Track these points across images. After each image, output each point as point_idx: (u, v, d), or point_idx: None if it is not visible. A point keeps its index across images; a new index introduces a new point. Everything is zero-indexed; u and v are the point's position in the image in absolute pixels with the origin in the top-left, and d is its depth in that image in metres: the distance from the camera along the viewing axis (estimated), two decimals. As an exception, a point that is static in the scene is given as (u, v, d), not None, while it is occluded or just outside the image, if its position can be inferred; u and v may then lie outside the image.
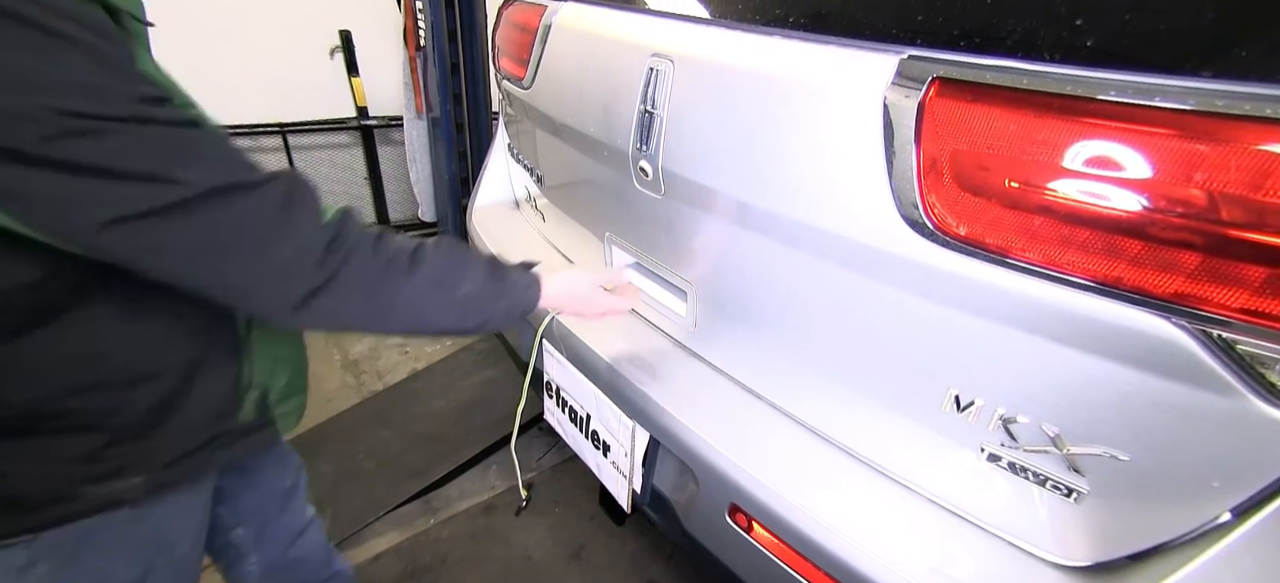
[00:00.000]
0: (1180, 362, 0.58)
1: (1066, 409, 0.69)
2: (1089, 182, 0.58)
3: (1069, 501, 0.72)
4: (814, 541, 0.80)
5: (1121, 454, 0.66)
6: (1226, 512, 0.59)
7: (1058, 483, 0.73)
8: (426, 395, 2.25)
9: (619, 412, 1.10)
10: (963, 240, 0.67)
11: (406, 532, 1.78)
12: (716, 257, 1.02)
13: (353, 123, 3.28)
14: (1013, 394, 0.73)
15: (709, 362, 1.10)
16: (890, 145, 0.70)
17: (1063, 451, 0.71)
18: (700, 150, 0.93)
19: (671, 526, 1.09)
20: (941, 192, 0.68)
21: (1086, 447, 0.69)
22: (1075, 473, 0.71)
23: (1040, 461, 0.74)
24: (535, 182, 1.48)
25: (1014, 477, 0.77)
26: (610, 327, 1.22)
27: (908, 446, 0.87)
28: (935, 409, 0.81)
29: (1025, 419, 0.72)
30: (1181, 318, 0.57)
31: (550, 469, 2.04)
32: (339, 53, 3.15)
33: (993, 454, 0.78)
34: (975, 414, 0.77)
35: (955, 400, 0.78)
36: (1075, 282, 0.61)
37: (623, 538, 1.80)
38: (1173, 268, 0.55)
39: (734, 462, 0.90)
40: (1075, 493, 0.72)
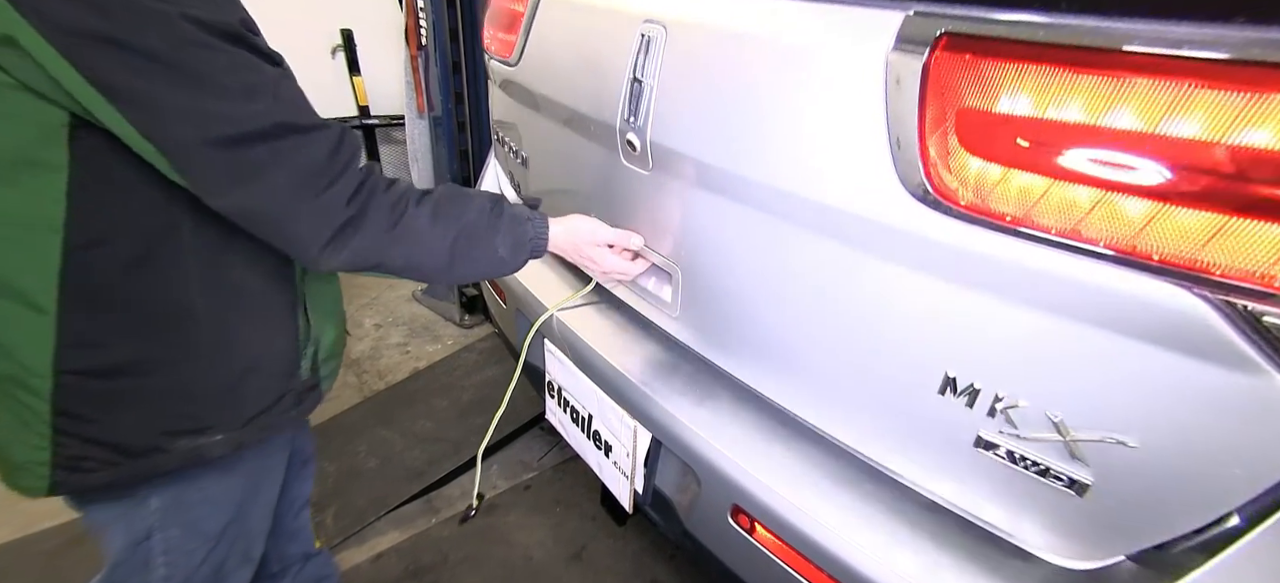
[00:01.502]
0: (1200, 337, 0.54)
1: (1072, 391, 0.65)
2: (1107, 141, 0.54)
3: (1070, 493, 0.68)
4: (816, 542, 0.80)
5: (1130, 441, 0.62)
6: (1235, 515, 0.58)
7: (1058, 474, 0.68)
8: (427, 395, 2.25)
9: (621, 412, 1.10)
10: (967, 209, 0.63)
11: (408, 531, 1.78)
12: (704, 235, 0.98)
13: (354, 122, 3.28)
14: (1013, 376, 0.68)
15: (692, 349, 1.08)
16: (892, 108, 0.67)
17: (1066, 437, 0.66)
18: (690, 120, 0.91)
19: (673, 526, 1.08)
20: (946, 156, 0.64)
21: (1092, 433, 0.64)
22: (1078, 462, 0.67)
23: (1040, 449, 0.69)
24: (520, 163, 1.45)
25: (1010, 468, 0.72)
26: (593, 315, 1.21)
27: (896, 435, 0.83)
28: (927, 394, 0.75)
29: (1025, 403, 0.68)
30: (1204, 288, 0.52)
31: (551, 469, 2.04)
32: (340, 52, 3.15)
33: (988, 442, 0.72)
34: (970, 399, 0.72)
35: (950, 384, 0.73)
36: (1089, 250, 0.57)
37: (624, 538, 1.80)
38: (1196, 234, 0.51)
39: (737, 463, 0.89)
40: (1077, 485, 0.67)
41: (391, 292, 3.07)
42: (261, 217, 0.64)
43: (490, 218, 0.82)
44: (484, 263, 0.82)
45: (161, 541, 0.79)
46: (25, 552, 1.63)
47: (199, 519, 0.81)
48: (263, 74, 0.62)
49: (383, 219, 0.71)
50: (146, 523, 0.78)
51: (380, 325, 2.78)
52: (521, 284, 1.35)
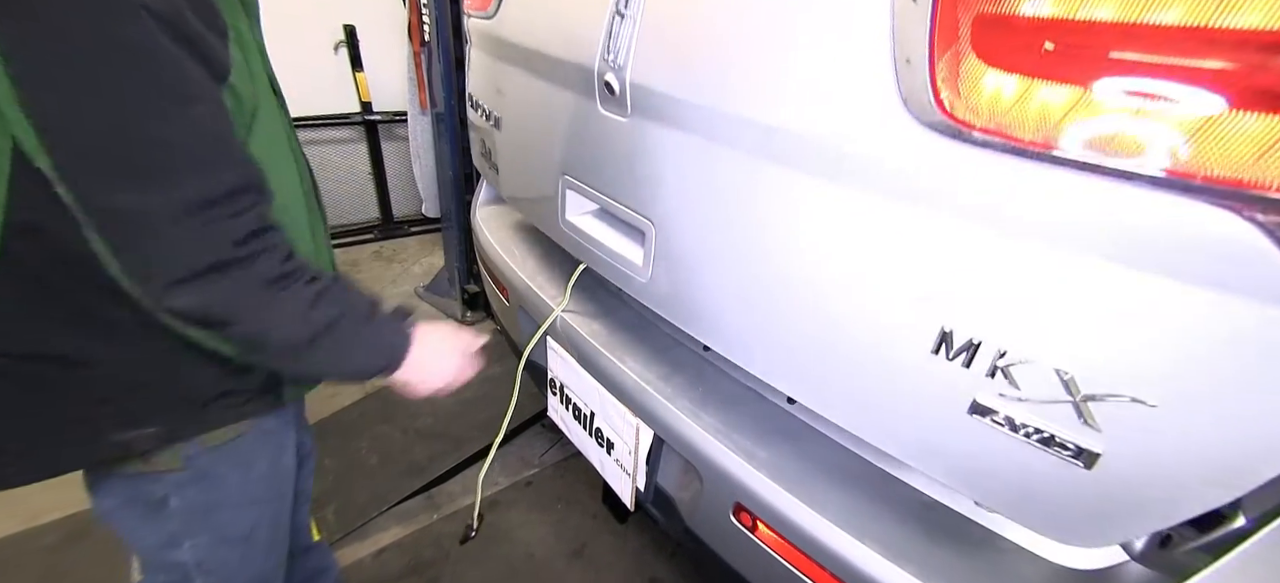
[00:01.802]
0: (1248, 268, 0.47)
1: (1087, 343, 0.57)
2: (1149, 40, 0.48)
3: (1076, 465, 0.60)
4: (818, 540, 0.80)
5: (1150, 398, 0.54)
6: (1241, 517, 0.58)
7: (1065, 442, 0.60)
8: (429, 391, 2.24)
9: (623, 409, 1.09)
10: (984, 132, 0.57)
11: (409, 527, 1.78)
12: (682, 184, 0.92)
13: (357, 118, 3.28)
14: (1021, 328, 0.61)
15: (662, 316, 1.03)
16: (900, 23, 0.61)
17: (1076, 397, 0.58)
18: (673, 53, 0.85)
19: (675, 524, 1.08)
20: (960, 75, 0.58)
21: (1108, 391, 0.57)
22: (1088, 428, 0.59)
23: (1045, 414, 0.61)
24: (493, 126, 1.39)
25: (1009, 438, 0.64)
26: (595, 313, 1.21)
27: (881, 407, 0.76)
28: (919, 355, 0.68)
29: (1032, 359, 0.60)
30: (1257, 210, 0.46)
31: (553, 466, 2.04)
32: (343, 48, 3.15)
33: (985, 408, 0.64)
34: (969, 357, 0.64)
35: (946, 340, 0.65)
36: (1123, 172, 0.50)
37: (625, 536, 1.80)
38: (1253, 143, 0.45)
39: (739, 461, 0.89)
40: (1085, 455, 0.60)
41: (394, 288, 3.08)
42: (123, 221, 0.57)
43: (363, 325, 0.74)
44: (335, 365, 0.74)
45: (191, 549, 0.80)
46: (26, 547, 1.64)
47: (224, 524, 0.82)
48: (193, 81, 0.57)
49: (267, 275, 0.63)
50: (170, 528, 0.78)
51: (382, 322, 2.78)
52: (524, 280, 1.35)
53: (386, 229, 3.62)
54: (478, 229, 1.61)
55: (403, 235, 3.66)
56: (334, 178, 3.44)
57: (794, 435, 0.93)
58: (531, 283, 1.33)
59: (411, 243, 3.62)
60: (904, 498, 0.82)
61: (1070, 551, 0.72)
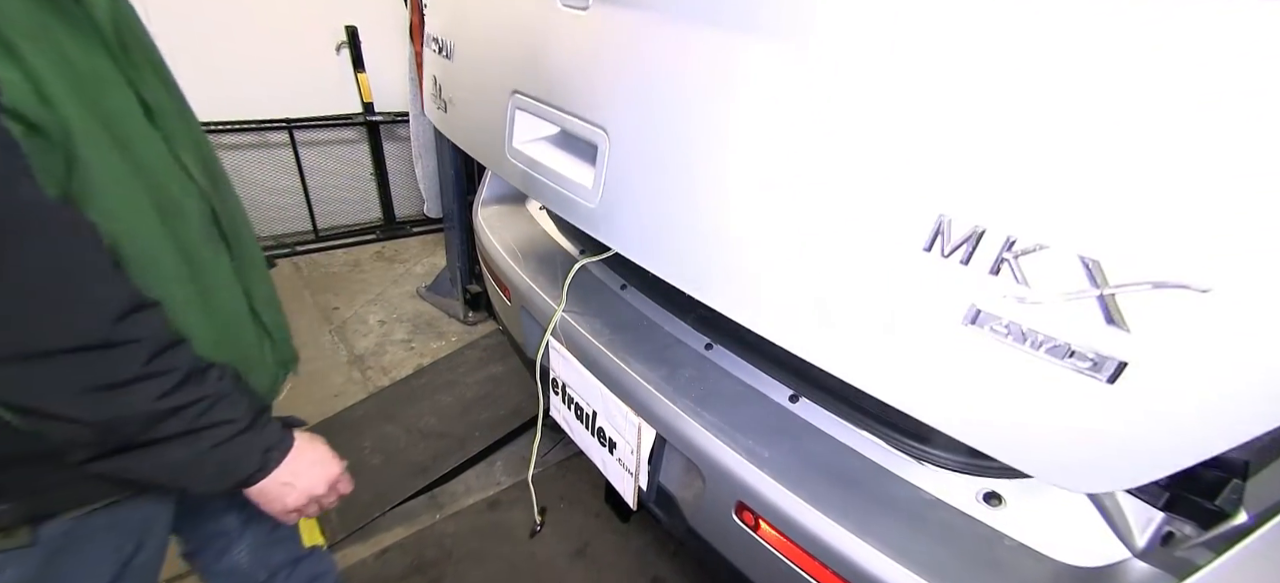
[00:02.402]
0: None
1: (1124, 213, 0.47)
2: None
3: (1095, 381, 0.50)
4: (821, 538, 0.80)
5: (1201, 282, 0.44)
6: (1243, 513, 0.58)
7: (1084, 352, 0.49)
8: (432, 391, 2.25)
9: (625, 408, 1.10)
10: None
11: (412, 527, 1.79)
12: (643, 77, 0.84)
13: (359, 118, 3.29)
14: (1037, 204, 0.50)
15: (613, 244, 0.96)
16: None
17: (1103, 288, 0.48)
18: None
19: (677, 523, 1.08)
20: None
21: (1146, 276, 0.46)
22: (1115, 329, 0.48)
23: (1062, 315, 0.50)
24: (446, 58, 1.33)
25: (1014, 352, 0.53)
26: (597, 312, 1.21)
27: (861, 330, 0.65)
28: (909, 255, 0.58)
29: (1048, 244, 0.50)
30: None
31: (555, 465, 2.04)
32: (345, 48, 3.15)
33: (985, 315, 0.54)
34: (969, 249, 0.54)
35: (942, 232, 0.55)
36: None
37: (627, 535, 1.80)
38: None
39: (742, 460, 0.89)
40: (1106, 366, 0.49)
41: (396, 288, 3.08)
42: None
43: (238, 432, 0.67)
44: (185, 470, 0.65)
45: None
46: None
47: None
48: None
49: (144, 354, 0.57)
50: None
51: (384, 322, 2.79)
52: (525, 280, 1.35)
53: (389, 229, 3.63)
54: (479, 229, 1.61)
55: (405, 236, 3.67)
56: (336, 178, 3.45)
57: (796, 434, 0.94)
58: (533, 283, 1.34)
59: (413, 243, 3.62)
60: (906, 496, 0.82)
61: (1073, 548, 0.71)
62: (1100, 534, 0.70)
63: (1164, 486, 0.66)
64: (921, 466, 0.85)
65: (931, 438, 0.86)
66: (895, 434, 0.88)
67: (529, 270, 1.38)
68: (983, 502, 0.79)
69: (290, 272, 3.17)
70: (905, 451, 0.86)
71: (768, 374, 1.03)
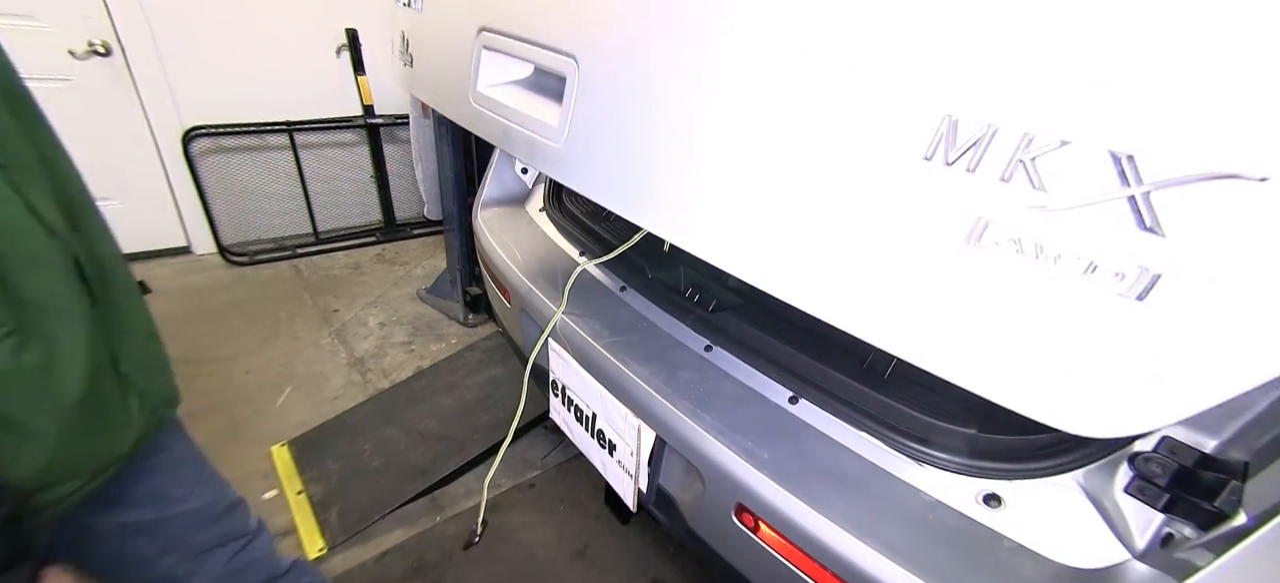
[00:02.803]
0: None
1: (1155, 94, 0.40)
2: None
3: (1122, 299, 0.44)
4: (820, 540, 0.80)
5: (1255, 170, 0.38)
6: (1243, 514, 0.58)
7: (1112, 267, 0.44)
8: (432, 393, 2.25)
9: (625, 410, 1.10)
10: None
11: (412, 529, 1.79)
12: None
13: (359, 121, 3.30)
14: (1062, 91, 0.44)
15: (578, 186, 0.91)
16: None
17: (1136, 188, 0.42)
18: None
19: (677, 525, 1.08)
20: None
21: (1190, 170, 0.40)
22: (1148, 234, 0.42)
23: (1086, 223, 0.44)
24: (415, 11, 1.29)
25: (1027, 268, 0.47)
26: (597, 314, 1.21)
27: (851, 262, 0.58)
28: (908, 165, 0.52)
29: (1072, 138, 0.44)
30: None
31: (555, 467, 2.04)
32: (345, 51, 3.16)
33: (993, 230, 0.48)
34: (978, 152, 0.47)
35: (946, 135, 0.49)
36: None
37: (627, 537, 1.80)
38: None
39: (741, 462, 0.89)
40: (1138, 277, 0.42)
41: (396, 290, 3.08)
42: None
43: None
44: None
45: None
46: None
47: None
48: None
49: None
50: None
51: (384, 324, 2.79)
52: (525, 283, 1.35)
53: (389, 232, 3.63)
54: (479, 232, 1.61)
55: (405, 238, 3.67)
56: (337, 181, 3.45)
57: (795, 435, 0.94)
58: (533, 285, 1.34)
59: (413, 245, 3.62)
60: (906, 498, 0.82)
61: (1073, 550, 0.71)
62: (1100, 536, 0.70)
63: (1163, 487, 0.66)
64: (921, 467, 0.85)
65: (931, 439, 0.86)
66: (895, 436, 0.88)
67: (528, 273, 1.39)
68: (982, 503, 0.79)
69: (290, 274, 3.17)
70: (905, 452, 0.86)
71: (767, 375, 1.03)
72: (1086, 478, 0.73)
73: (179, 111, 2.89)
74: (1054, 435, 0.80)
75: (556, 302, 1.26)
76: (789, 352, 1.04)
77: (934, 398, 0.92)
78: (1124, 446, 0.70)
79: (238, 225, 3.26)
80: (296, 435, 2.07)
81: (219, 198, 3.14)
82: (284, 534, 1.75)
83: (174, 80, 2.83)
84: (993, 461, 0.80)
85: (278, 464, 1.97)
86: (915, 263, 0.54)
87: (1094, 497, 0.72)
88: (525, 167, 1.74)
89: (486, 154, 2.51)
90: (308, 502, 1.83)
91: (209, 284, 3.01)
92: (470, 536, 1.77)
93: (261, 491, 1.88)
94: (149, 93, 2.81)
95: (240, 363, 2.44)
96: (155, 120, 2.87)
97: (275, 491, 1.89)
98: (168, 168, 2.99)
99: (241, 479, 1.89)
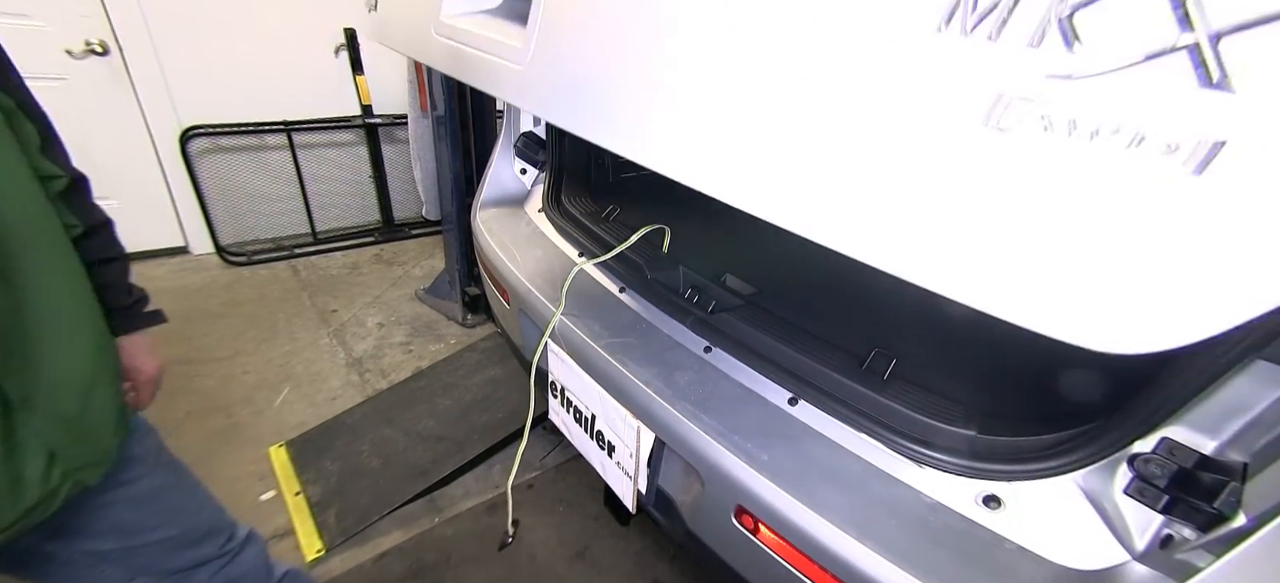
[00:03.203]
0: None
1: None
2: None
3: (1181, 172, 0.37)
4: (821, 542, 0.80)
5: None
6: (1242, 515, 0.58)
7: (1165, 137, 0.37)
8: (430, 394, 2.25)
9: (624, 412, 1.09)
10: None
11: (411, 531, 1.78)
12: None
13: (357, 121, 3.29)
14: None
15: (543, 112, 0.85)
16: None
17: (1201, 33, 0.35)
18: None
19: (676, 526, 1.08)
20: None
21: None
22: (1217, 92, 0.35)
23: (1134, 89, 0.38)
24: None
25: (1059, 152, 0.41)
26: (597, 315, 1.21)
27: (854, 165, 0.51)
28: (922, 35, 0.46)
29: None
30: None
31: (554, 468, 2.04)
32: (344, 51, 3.15)
33: (1018, 105, 0.41)
34: (1003, 16, 0.41)
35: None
36: None
37: (627, 538, 1.80)
38: None
39: (741, 464, 0.89)
40: (1201, 150, 0.36)
41: (394, 291, 3.08)
42: None
43: None
44: None
45: None
46: None
47: None
48: None
49: None
50: None
51: (383, 325, 2.79)
52: (524, 283, 1.35)
53: (387, 232, 3.63)
54: (478, 232, 1.61)
55: (403, 238, 3.66)
56: (335, 181, 3.45)
57: (795, 437, 0.93)
58: (532, 286, 1.34)
59: (412, 246, 3.62)
60: (907, 499, 0.82)
61: (1072, 551, 0.71)
62: (1099, 537, 0.70)
63: (1163, 488, 0.66)
64: (921, 469, 0.85)
65: (931, 440, 0.86)
66: (894, 437, 0.88)
67: (527, 273, 1.38)
68: (982, 505, 0.79)
69: (288, 274, 3.16)
70: (905, 453, 0.86)
71: (767, 376, 1.03)
72: (1086, 479, 0.73)
73: (177, 111, 2.88)
74: (1054, 436, 0.80)
75: (555, 303, 1.26)
76: (788, 353, 1.04)
77: (933, 399, 0.92)
78: (1125, 445, 0.70)
79: (236, 226, 3.25)
80: (294, 436, 2.07)
81: (217, 198, 3.13)
82: (282, 536, 1.75)
83: (172, 80, 2.83)
84: (992, 462, 0.80)
85: (275, 465, 1.96)
86: (921, 161, 0.46)
87: (1094, 498, 0.72)
88: (524, 167, 1.74)
89: (485, 154, 2.51)
90: (306, 503, 1.83)
91: (207, 284, 3.00)
92: (503, 537, 1.77)
93: (259, 492, 1.88)
94: (146, 93, 2.81)
95: (238, 363, 2.43)
96: (153, 120, 2.86)
97: (273, 492, 1.88)
98: (165, 168, 2.98)
99: (238, 481, 1.89)
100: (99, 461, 0.78)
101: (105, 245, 0.84)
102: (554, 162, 1.64)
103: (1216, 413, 0.64)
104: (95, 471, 0.77)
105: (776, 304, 1.22)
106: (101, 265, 0.83)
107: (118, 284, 0.86)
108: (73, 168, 0.80)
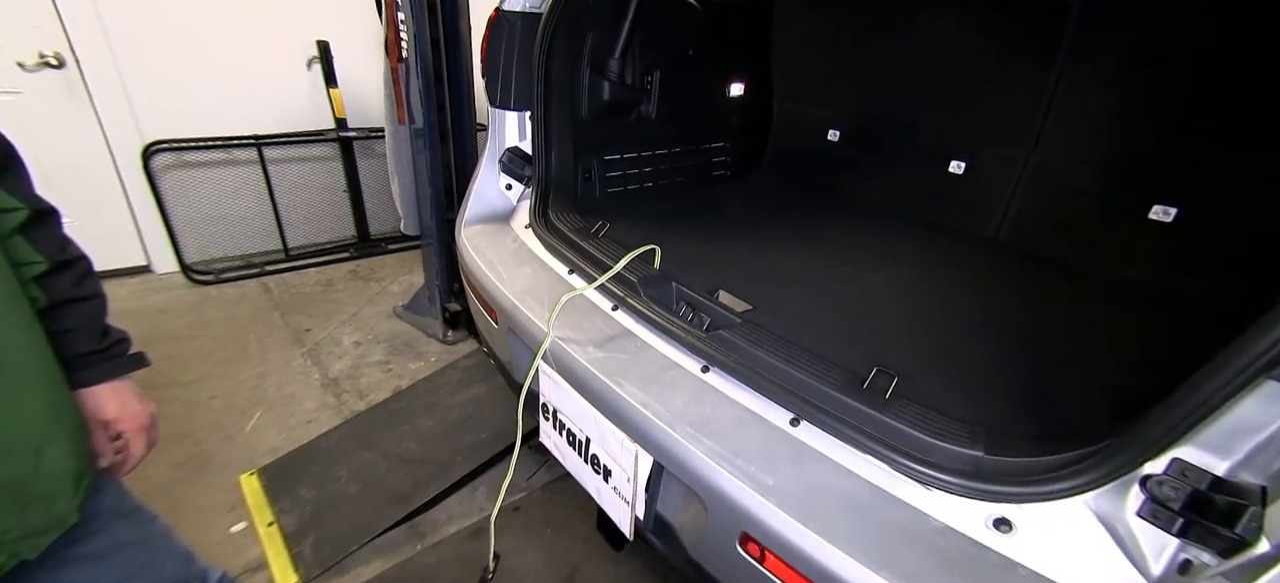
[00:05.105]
0: None
1: None
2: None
3: None
4: (833, 572, 0.77)
5: None
6: (1265, 542, 0.57)
7: None
8: (411, 415, 2.18)
9: (621, 435, 1.06)
10: None
11: (392, 559, 1.71)
12: None
13: (331, 135, 3.21)
14: None
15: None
16: None
17: None
18: None
19: (676, 552, 1.05)
20: None
21: None
22: None
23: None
24: None
25: None
26: (590, 334, 1.17)
27: None
28: None
29: None
30: None
31: (541, 489, 1.98)
32: (317, 64, 3.08)
33: None
34: None
35: None
36: None
37: (617, 561, 1.75)
38: None
39: (747, 489, 0.86)
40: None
41: (371, 308, 2.99)
42: None
43: None
44: None
45: None
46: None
47: None
48: None
49: None
50: None
51: (360, 343, 2.70)
52: (512, 301, 1.31)
53: (363, 247, 3.53)
54: (463, 249, 1.56)
55: (380, 253, 3.57)
56: (308, 195, 3.35)
57: (799, 459, 0.91)
58: (521, 305, 1.30)
59: (389, 261, 3.53)
60: (916, 524, 0.80)
61: (1088, 577, 0.70)
62: (1115, 563, 0.69)
63: (1177, 510, 0.65)
64: (928, 491, 0.83)
65: (937, 461, 0.85)
66: (901, 458, 0.86)
67: (516, 292, 1.34)
68: (993, 528, 0.77)
69: (259, 293, 3.05)
70: (911, 475, 0.85)
71: (767, 397, 1.01)
72: (1097, 501, 0.72)
73: (139, 125, 2.76)
74: (1062, 456, 0.79)
75: (546, 321, 1.22)
76: (787, 371, 1.02)
77: (938, 418, 0.91)
78: (1135, 466, 0.69)
79: (202, 243, 3.13)
80: (267, 463, 1.97)
81: (182, 215, 3.01)
82: (254, 570, 1.66)
83: (133, 93, 2.71)
84: (1001, 483, 0.79)
85: (247, 494, 1.87)
86: None
87: (1107, 521, 0.71)
88: (509, 182, 1.70)
89: (466, 168, 2.45)
90: (279, 533, 1.74)
91: (171, 304, 2.87)
92: (483, 572, 1.67)
93: (229, 523, 1.78)
94: (106, 107, 2.69)
95: (206, 387, 2.32)
96: (113, 135, 2.74)
97: (244, 523, 1.79)
98: (126, 184, 2.85)
99: (207, 512, 1.79)
100: (48, 528, 0.70)
101: (75, 284, 0.77)
102: (541, 176, 1.61)
103: (1227, 434, 0.64)
104: (43, 538, 0.69)
105: (772, 320, 1.21)
106: (71, 306, 0.76)
107: (89, 327, 0.79)
108: (36, 198, 0.74)
